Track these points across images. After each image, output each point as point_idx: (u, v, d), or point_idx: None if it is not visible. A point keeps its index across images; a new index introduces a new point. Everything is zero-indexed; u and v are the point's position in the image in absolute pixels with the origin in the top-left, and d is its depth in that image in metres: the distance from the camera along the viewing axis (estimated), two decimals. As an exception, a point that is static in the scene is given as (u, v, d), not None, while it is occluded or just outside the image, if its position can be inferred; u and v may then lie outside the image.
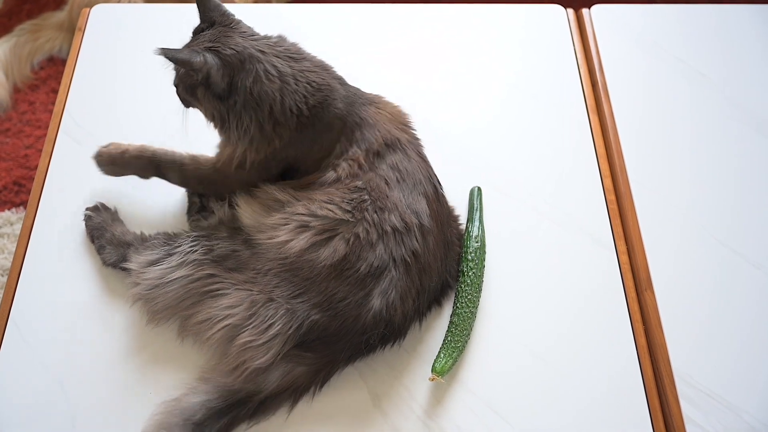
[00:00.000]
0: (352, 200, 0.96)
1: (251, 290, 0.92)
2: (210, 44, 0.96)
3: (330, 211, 0.95)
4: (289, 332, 0.91)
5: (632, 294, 1.08)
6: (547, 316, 1.05)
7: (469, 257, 1.06)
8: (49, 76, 1.94)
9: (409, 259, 0.95)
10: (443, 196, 1.06)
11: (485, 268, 1.07)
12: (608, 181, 1.19)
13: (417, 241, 0.96)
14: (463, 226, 1.10)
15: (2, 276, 1.55)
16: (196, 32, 1.01)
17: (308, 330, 0.92)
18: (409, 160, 1.01)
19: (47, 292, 1.05)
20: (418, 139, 1.07)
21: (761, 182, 1.21)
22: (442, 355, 0.97)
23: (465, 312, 1.01)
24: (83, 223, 1.09)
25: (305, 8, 1.42)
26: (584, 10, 1.42)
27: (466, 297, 1.02)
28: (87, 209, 1.10)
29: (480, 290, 1.04)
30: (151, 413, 0.92)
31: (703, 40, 1.40)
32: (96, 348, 1.00)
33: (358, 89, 1.06)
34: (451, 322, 1.01)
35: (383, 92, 1.04)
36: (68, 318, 1.03)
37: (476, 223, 1.10)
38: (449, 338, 0.99)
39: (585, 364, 1.01)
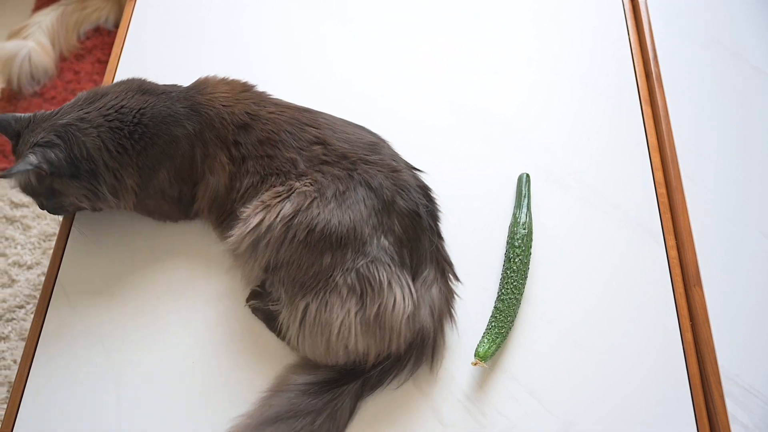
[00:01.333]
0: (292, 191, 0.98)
1: (337, 283, 0.93)
2: (29, 148, 0.99)
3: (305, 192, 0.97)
4: (394, 268, 0.93)
5: (680, 289, 1.06)
6: (593, 306, 1.04)
7: (516, 244, 1.05)
8: (95, 46, 1.95)
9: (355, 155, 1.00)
10: (313, 116, 1.06)
11: (531, 255, 1.06)
12: (659, 174, 1.17)
13: (336, 149, 1.00)
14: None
15: (45, 241, 1.57)
16: (13, 151, 1.04)
17: (399, 253, 0.95)
18: (264, 123, 1.02)
19: (93, 258, 1.07)
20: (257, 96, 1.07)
21: (817, 182, 1.18)
22: (485, 340, 0.97)
23: (510, 298, 1.00)
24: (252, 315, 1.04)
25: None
26: (640, -1, 1.39)
27: (512, 283, 1.01)
28: (247, 302, 1.04)
29: (526, 277, 1.03)
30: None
31: (761, 33, 1.36)
32: (139, 313, 1.02)
33: (176, 88, 1.06)
34: (495, 307, 1.00)
35: (430, 76, 1.00)
36: (112, 283, 1.04)
37: (524, 209, 1.09)
38: (493, 323, 0.98)
39: (629, 358, 1.00)
